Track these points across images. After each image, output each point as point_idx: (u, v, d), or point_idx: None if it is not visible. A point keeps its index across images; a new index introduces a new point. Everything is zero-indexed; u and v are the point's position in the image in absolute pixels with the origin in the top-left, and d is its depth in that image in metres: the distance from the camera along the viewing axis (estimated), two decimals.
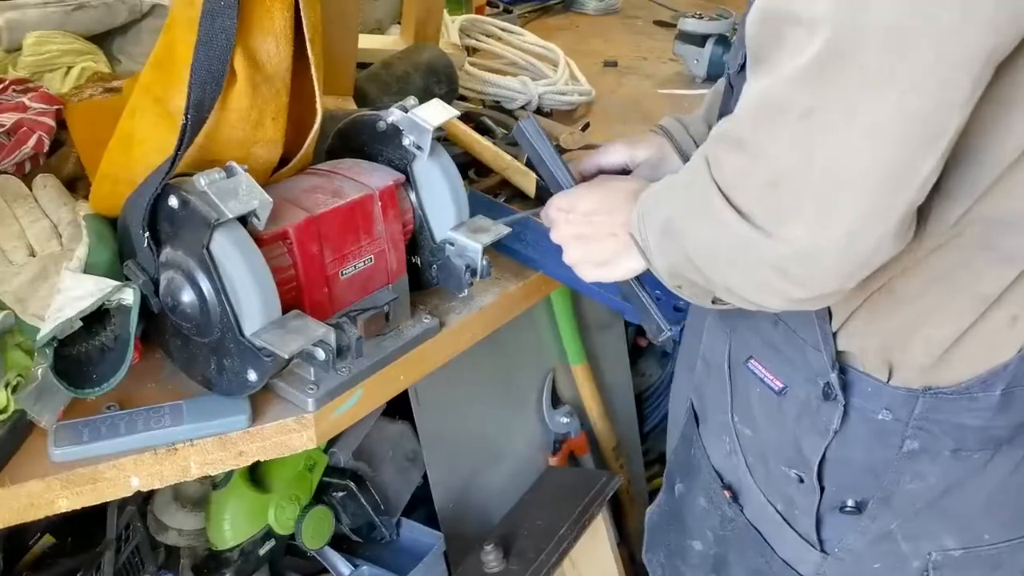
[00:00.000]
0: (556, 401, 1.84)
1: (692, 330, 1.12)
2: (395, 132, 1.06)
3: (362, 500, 1.50)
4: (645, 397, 2.20)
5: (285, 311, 0.92)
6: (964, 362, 0.81)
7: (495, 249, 1.16)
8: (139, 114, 0.96)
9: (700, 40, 1.93)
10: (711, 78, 1.91)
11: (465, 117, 1.54)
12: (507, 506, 1.70)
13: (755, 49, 0.71)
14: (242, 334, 0.89)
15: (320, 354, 0.91)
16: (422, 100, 1.07)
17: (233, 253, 0.87)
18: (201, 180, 0.85)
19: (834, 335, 0.85)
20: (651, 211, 0.85)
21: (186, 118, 0.86)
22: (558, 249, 1.23)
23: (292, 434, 0.98)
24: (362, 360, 1.03)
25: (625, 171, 1.17)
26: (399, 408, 1.57)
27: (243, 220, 0.88)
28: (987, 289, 0.77)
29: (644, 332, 1.13)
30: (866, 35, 0.63)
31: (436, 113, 1.05)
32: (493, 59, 1.85)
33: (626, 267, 0.96)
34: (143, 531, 1.30)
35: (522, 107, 1.69)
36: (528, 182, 1.37)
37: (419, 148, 1.05)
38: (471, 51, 1.87)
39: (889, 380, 0.84)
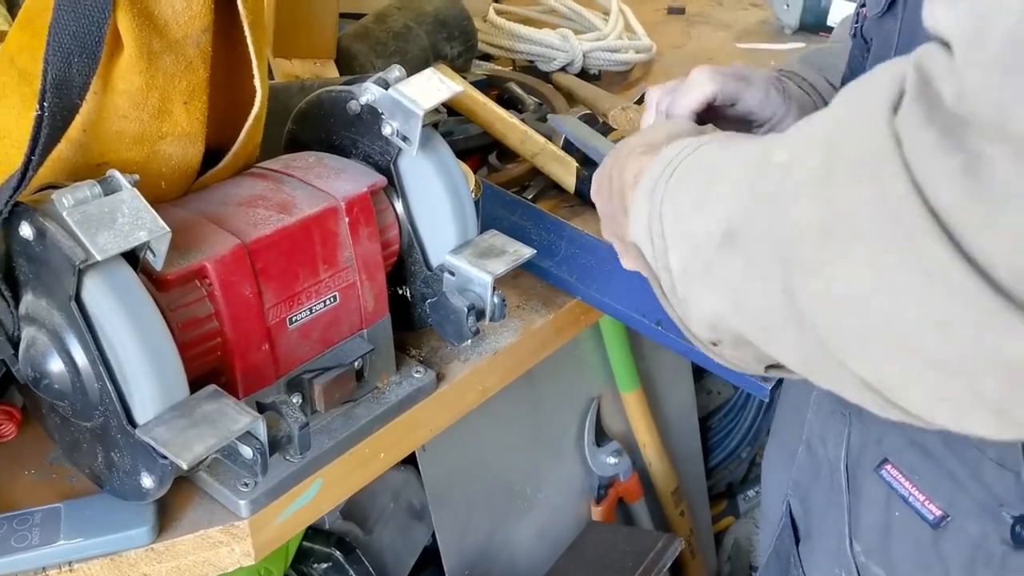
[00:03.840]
0: (601, 436, 1.60)
1: (789, 393, 0.85)
2: (372, 116, 0.81)
3: (351, 573, 1.28)
4: (712, 423, 1.96)
5: (204, 382, 0.68)
6: None
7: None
8: (1, 95, 0.73)
9: None
10: (805, 29, 1.66)
11: (485, 84, 1.29)
12: (537, 572, 1.48)
13: None
14: (132, 423, 0.66)
15: (246, 452, 0.67)
16: (425, 64, 0.83)
17: (113, 306, 0.63)
18: (64, 199, 0.62)
19: None
20: (683, 196, 0.55)
21: (41, 107, 0.62)
22: (601, 268, 0.99)
23: (219, 548, 0.75)
24: (323, 438, 0.80)
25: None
26: None
27: (132, 257, 0.65)
28: None
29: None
30: None
31: (430, 90, 0.79)
32: (527, 5, 1.59)
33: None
34: None
35: (562, 68, 1.43)
36: (566, 172, 1.12)
37: (405, 139, 0.80)
38: None
39: None
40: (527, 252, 0.84)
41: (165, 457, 0.64)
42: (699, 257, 0.53)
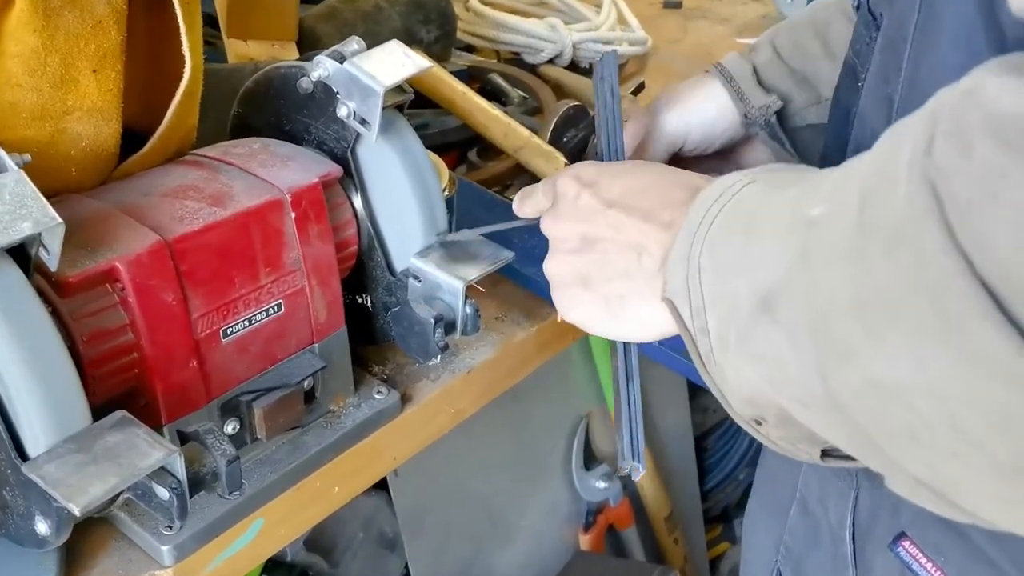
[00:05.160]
0: (590, 459, 1.49)
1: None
2: (326, 96, 0.70)
3: None
4: (707, 443, 1.85)
5: (118, 407, 0.57)
6: None
7: (497, 272, 0.79)
8: None
9: None
10: None
11: (466, 76, 1.18)
12: None
13: None
14: (23, 456, 0.54)
15: (161, 492, 0.55)
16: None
17: None
18: None
19: None
20: (722, 249, 0.47)
21: None
22: None
23: None
24: (265, 471, 0.69)
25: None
26: None
27: (23, 253, 0.53)
28: None
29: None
30: None
31: (392, 65, 0.68)
32: None
33: (637, 317, 0.57)
34: None
35: (550, 60, 1.32)
36: (552, 168, 1.01)
37: (364, 123, 0.69)
38: None
39: None
40: (506, 255, 0.73)
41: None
42: (736, 322, 0.45)
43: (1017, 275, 0.31)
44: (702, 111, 0.81)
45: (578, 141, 1.05)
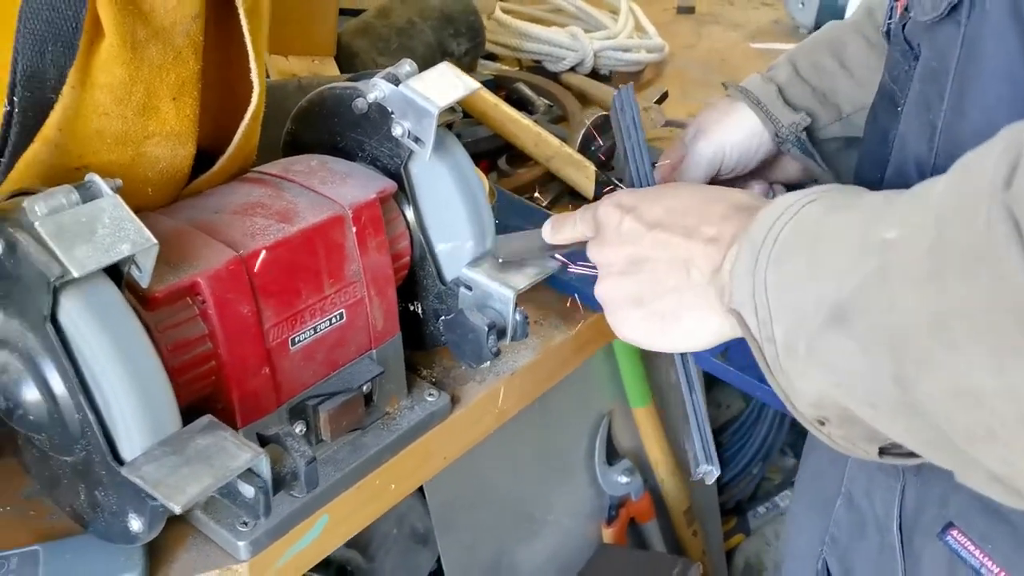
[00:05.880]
0: (612, 455, 1.52)
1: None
2: (381, 116, 0.74)
3: None
4: (723, 438, 1.89)
5: (197, 411, 0.61)
6: None
7: None
8: None
9: None
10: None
11: (493, 85, 1.22)
12: None
13: None
14: (118, 460, 0.58)
15: (247, 491, 0.60)
16: (431, 62, 0.75)
17: (93, 327, 0.56)
18: (36, 208, 0.54)
19: None
20: (787, 265, 0.51)
21: (11, 102, 0.55)
22: None
23: None
24: (329, 470, 0.73)
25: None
26: None
27: (116, 272, 0.57)
28: None
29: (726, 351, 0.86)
30: None
31: (444, 87, 0.72)
32: (532, 4, 1.52)
33: (690, 329, 0.60)
34: None
35: (572, 68, 1.36)
36: (584, 177, 1.05)
37: (418, 141, 0.73)
38: None
39: None
40: (552, 265, 0.77)
41: (156, 498, 0.57)
42: (804, 332, 0.48)
43: None
44: (735, 135, 0.85)
45: (606, 150, 1.09)
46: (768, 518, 2.03)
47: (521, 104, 1.22)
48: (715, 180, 0.87)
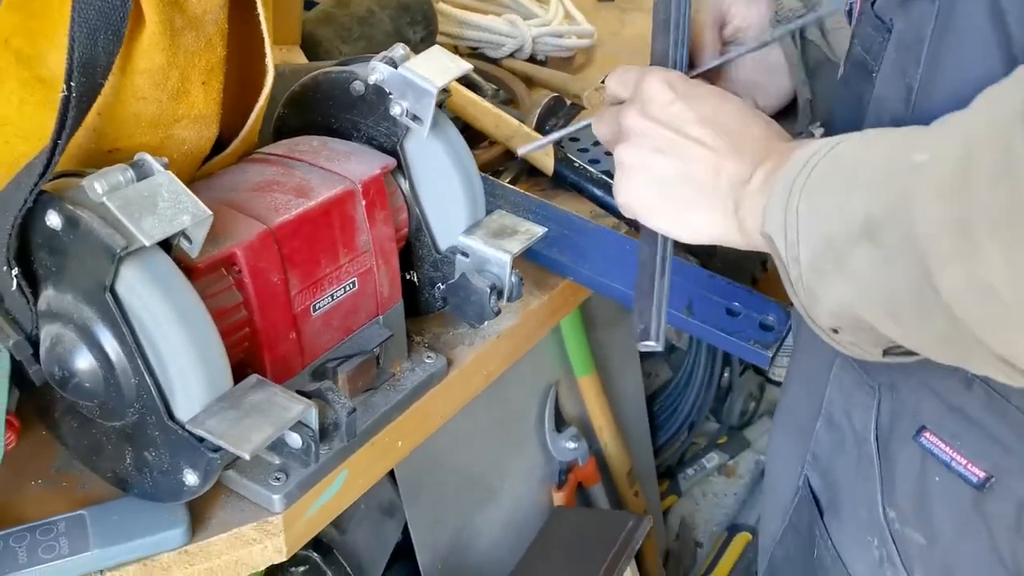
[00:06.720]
0: (560, 422, 1.61)
1: (802, 372, 0.86)
2: (378, 97, 0.80)
3: (329, 575, 1.25)
4: (654, 405, 1.99)
5: (236, 375, 0.66)
6: None
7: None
8: None
9: None
10: None
11: None
12: (508, 561, 1.47)
13: None
14: (172, 419, 0.63)
15: (296, 441, 0.65)
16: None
17: (154, 296, 0.60)
18: (96, 185, 0.58)
19: None
20: (820, 194, 0.57)
21: (68, 87, 0.59)
22: (592, 248, 0.99)
23: (252, 546, 0.73)
24: None
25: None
26: None
27: (165, 244, 0.62)
28: None
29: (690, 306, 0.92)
30: None
31: (440, 68, 0.78)
32: None
33: (693, 223, 0.67)
34: None
35: (511, 55, 1.43)
36: (544, 154, 1.12)
37: (416, 119, 0.78)
38: None
39: None
40: (539, 230, 0.84)
41: (216, 450, 0.62)
42: (832, 252, 0.55)
43: None
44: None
45: (559, 128, 1.17)
46: (696, 479, 2.15)
47: (471, 88, 1.28)
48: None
